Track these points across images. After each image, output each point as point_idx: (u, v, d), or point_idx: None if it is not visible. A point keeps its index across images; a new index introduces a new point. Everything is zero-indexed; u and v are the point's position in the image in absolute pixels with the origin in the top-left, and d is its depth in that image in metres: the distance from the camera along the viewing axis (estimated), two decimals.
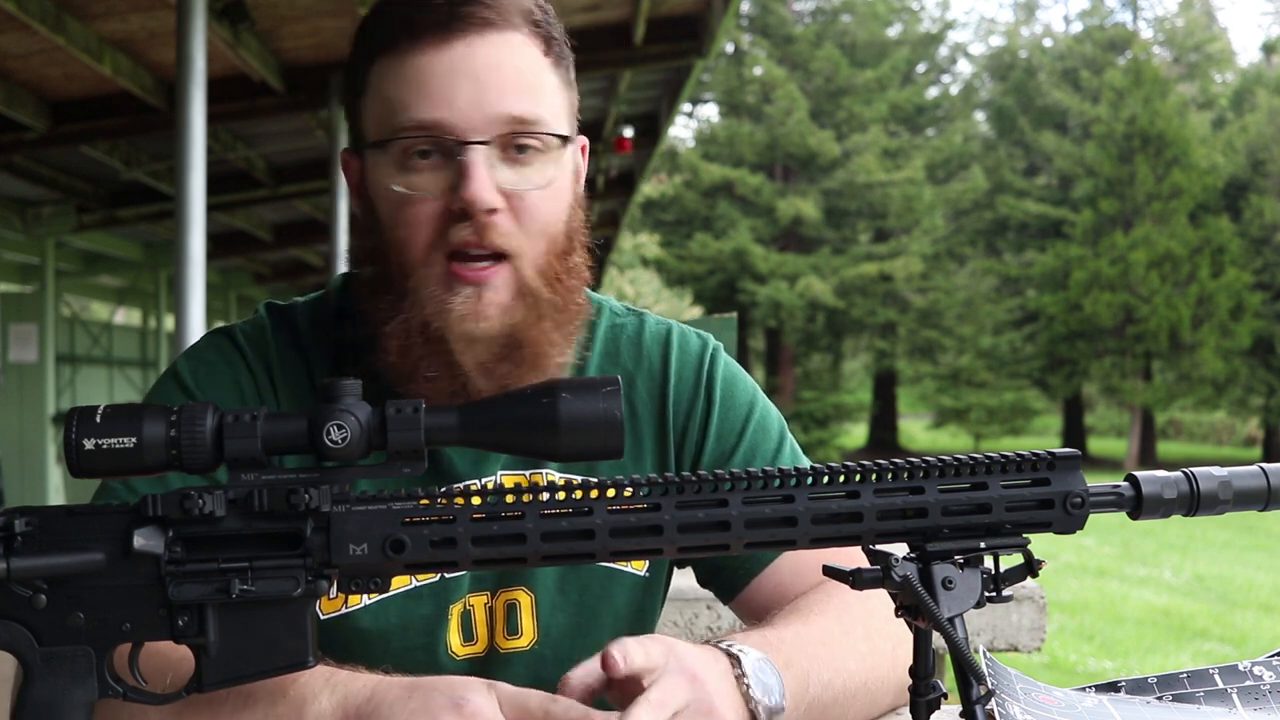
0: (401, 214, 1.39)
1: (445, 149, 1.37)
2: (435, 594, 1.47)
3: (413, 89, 1.37)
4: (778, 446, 1.60)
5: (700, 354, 1.61)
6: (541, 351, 1.41)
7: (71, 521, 1.09)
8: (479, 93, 1.36)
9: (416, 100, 1.37)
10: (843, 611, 1.43)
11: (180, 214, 5.20)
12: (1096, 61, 38.03)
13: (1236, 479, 1.12)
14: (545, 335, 1.41)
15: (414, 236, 1.39)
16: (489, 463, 1.50)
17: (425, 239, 1.38)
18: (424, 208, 1.38)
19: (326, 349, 1.51)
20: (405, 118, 1.37)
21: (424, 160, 1.38)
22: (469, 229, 1.36)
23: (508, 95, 1.37)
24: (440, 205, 1.37)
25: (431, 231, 1.38)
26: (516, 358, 1.40)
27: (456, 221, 1.37)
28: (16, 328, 12.14)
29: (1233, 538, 16.24)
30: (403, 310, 1.39)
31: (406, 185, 1.38)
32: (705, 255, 36.05)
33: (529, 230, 1.39)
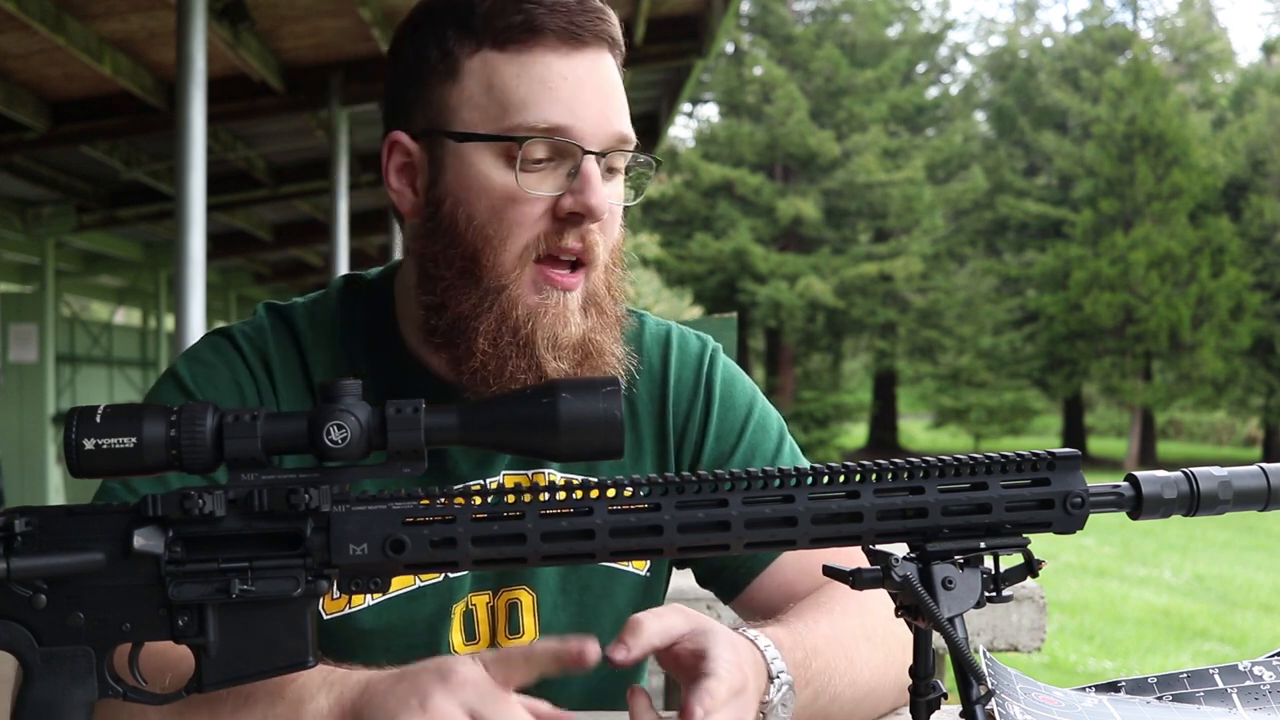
0: (505, 211, 1.39)
1: (565, 152, 1.38)
2: (438, 594, 1.47)
3: (542, 90, 1.38)
4: (777, 447, 1.61)
5: (700, 355, 1.62)
6: (609, 360, 1.43)
7: (71, 521, 1.09)
8: (601, 105, 1.40)
9: (546, 102, 1.37)
10: (864, 613, 1.43)
11: (180, 214, 5.20)
12: (1096, 61, 38.02)
13: (1236, 479, 1.13)
14: (609, 343, 1.44)
15: (513, 235, 1.39)
16: (493, 464, 1.50)
17: (526, 239, 1.39)
18: (532, 208, 1.38)
19: (326, 350, 1.51)
20: (532, 118, 1.37)
21: (538, 163, 1.38)
22: (575, 235, 1.39)
23: (620, 112, 1.42)
24: (547, 207, 1.38)
25: (534, 233, 1.39)
26: (590, 365, 1.42)
27: (566, 225, 1.38)
28: (16, 328, 12.14)
29: (1233, 538, 16.24)
30: (494, 307, 1.39)
31: (522, 184, 1.38)
32: (705, 255, 36.05)
33: (608, 242, 1.43)
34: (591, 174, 1.38)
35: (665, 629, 1.20)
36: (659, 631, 1.19)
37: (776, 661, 1.27)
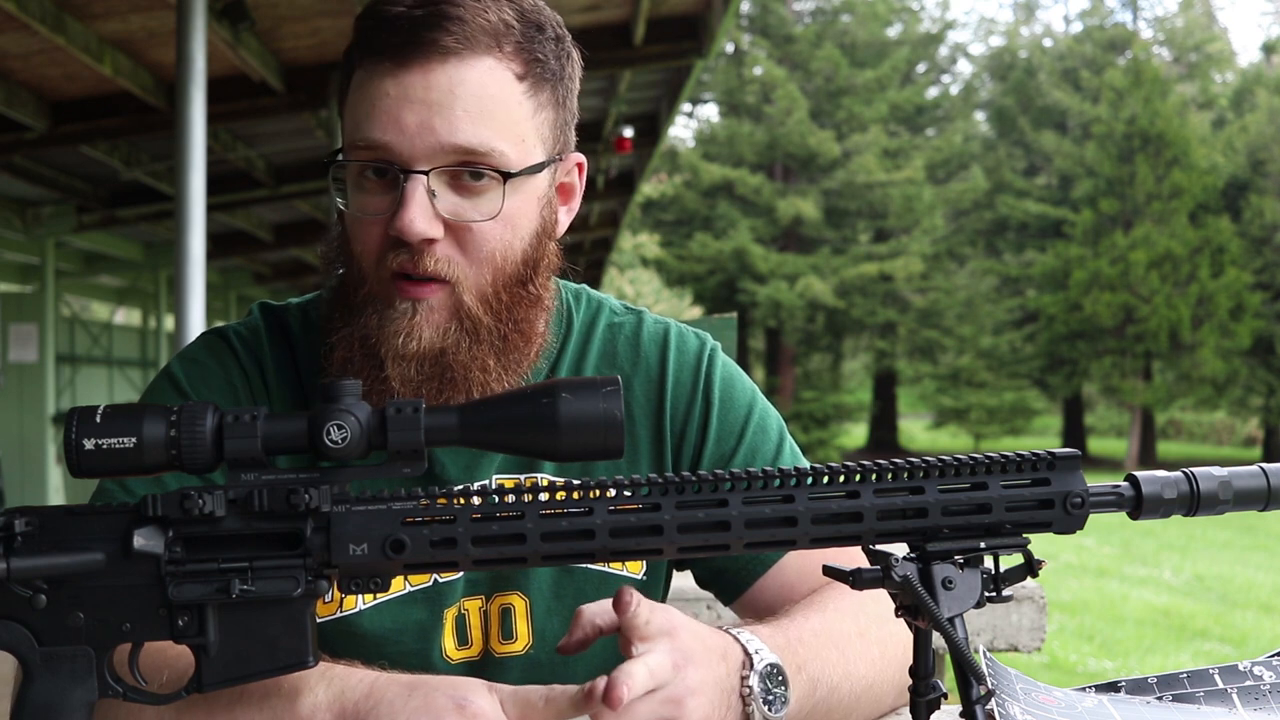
0: (354, 229, 1.41)
1: (390, 173, 1.37)
2: (429, 598, 1.47)
3: (366, 108, 1.37)
4: (777, 447, 1.60)
5: (699, 354, 1.60)
6: (472, 377, 1.40)
7: (71, 521, 1.09)
8: (427, 120, 1.34)
9: (368, 121, 1.36)
10: (859, 612, 1.42)
11: (180, 214, 5.20)
12: (1096, 61, 38.02)
13: (1236, 479, 1.12)
14: (479, 361, 1.40)
15: (364, 253, 1.40)
16: (483, 468, 1.50)
17: (372, 257, 1.39)
18: (371, 229, 1.39)
19: (317, 351, 1.52)
20: (358, 137, 1.37)
21: (372, 181, 1.39)
22: (405, 255, 1.37)
23: (459, 125, 1.35)
24: (384, 227, 1.37)
25: (376, 251, 1.39)
26: (444, 380, 1.39)
27: (395, 246, 1.37)
28: (16, 328, 12.14)
29: (1233, 538, 16.23)
30: (351, 322, 1.40)
31: (357, 205, 1.40)
32: (705, 255, 36.05)
33: (473, 258, 1.39)
34: (408, 194, 1.34)
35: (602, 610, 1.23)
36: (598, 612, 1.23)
37: (753, 642, 1.27)
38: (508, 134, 1.37)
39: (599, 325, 1.60)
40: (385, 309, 1.38)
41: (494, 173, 1.37)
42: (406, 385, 1.38)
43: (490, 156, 1.36)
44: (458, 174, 1.36)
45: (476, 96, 1.35)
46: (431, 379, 1.39)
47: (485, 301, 1.40)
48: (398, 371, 1.38)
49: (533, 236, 1.43)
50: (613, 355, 1.58)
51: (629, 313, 1.64)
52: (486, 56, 1.36)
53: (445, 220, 1.37)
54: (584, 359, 1.57)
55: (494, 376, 1.41)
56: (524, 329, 1.44)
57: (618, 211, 18.29)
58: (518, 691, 1.15)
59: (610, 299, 1.65)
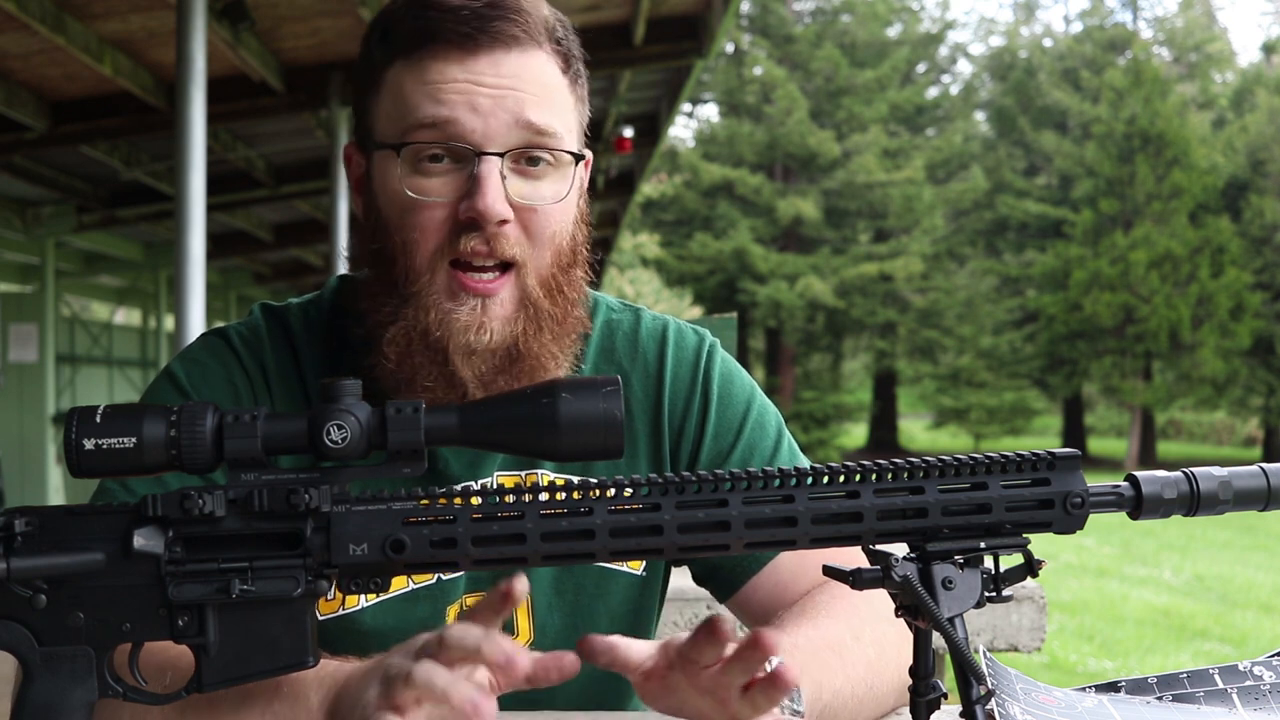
0: (410, 218, 1.39)
1: (459, 156, 1.38)
2: (432, 596, 1.48)
3: (431, 94, 1.38)
4: (775, 445, 1.60)
5: (697, 350, 1.60)
6: (541, 364, 1.42)
7: (71, 521, 1.09)
8: (498, 102, 1.38)
9: (434, 105, 1.37)
10: (851, 614, 1.42)
11: (180, 214, 5.20)
12: (1096, 61, 38.03)
13: (1236, 479, 1.12)
14: (545, 348, 1.42)
15: (422, 241, 1.39)
16: (485, 465, 1.50)
17: (433, 245, 1.39)
18: (433, 213, 1.38)
19: (319, 350, 1.51)
20: (422, 118, 1.38)
21: (436, 165, 1.39)
22: (478, 238, 1.37)
23: (527, 106, 1.39)
24: (449, 212, 1.38)
25: (440, 238, 1.38)
26: (515, 370, 1.40)
27: (466, 230, 1.37)
28: (16, 328, 12.14)
29: (1233, 538, 16.24)
30: (405, 316, 1.39)
31: (417, 190, 1.39)
32: (705, 255, 36.05)
33: (536, 242, 1.41)
34: (484, 176, 1.36)
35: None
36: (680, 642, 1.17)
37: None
38: (564, 121, 1.43)
39: (596, 322, 1.60)
40: (447, 302, 1.39)
41: (561, 154, 1.41)
42: (480, 380, 1.39)
43: (556, 139, 1.41)
44: (520, 158, 1.39)
45: (539, 84, 1.40)
46: (504, 370, 1.40)
47: (546, 285, 1.42)
48: (470, 367, 1.39)
49: (576, 223, 1.47)
50: (610, 351, 1.58)
51: (626, 309, 1.64)
52: (541, 49, 1.42)
53: (514, 203, 1.39)
54: (583, 355, 1.57)
55: (558, 362, 1.44)
56: (574, 313, 1.47)
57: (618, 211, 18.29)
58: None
59: (608, 296, 1.65)
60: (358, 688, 1.14)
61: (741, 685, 1.14)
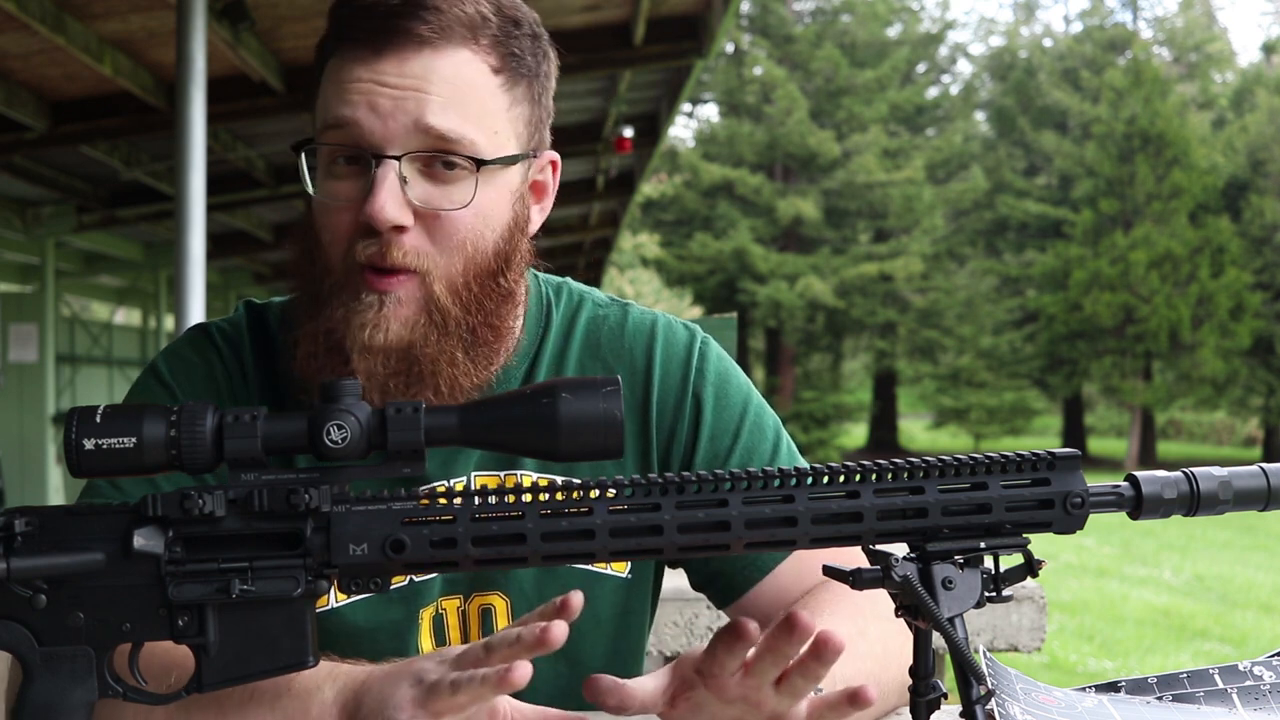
0: (322, 219, 1.39)
1: (360, 158, 1.36)
2: (405, 598, 1.46)
3: (338, 94, 1.36)
4: (774, 447, 1.57)
5: (688, 348, 1.56)
6: (440, 371, 1.38)
7: (71, 521, 1.09)
8: (398, 104, 1.34)
9: (339, 105, 1.36)
10: (856, 613, 1.41)
11: (180, 214, 5.20)
12: (1096, 61, 38.01)
13: (1236, 479, 1.12)
14: (448, 355, 1.38)
15: (332, 242, 1.38)
16: (459, 464, 1.48)
17: (339, 247, 1.38)
18: (340, 216, 1.37)
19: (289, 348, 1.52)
20: (328, 117, 1.37)
21: (345, 167, 1.38)
22: (375, 244, 1.35)
23: (429, 109, 1.34)
24: (353, 215, 1.36)
25: (345, 240, 1.37)
26: (412, 374, 1.37)
27: (365, 235, 1.35)
28: (16, 328, 12.13)
29: (1233, 538, 16.23)
30: (316, 316, 1.38)
31: (326, 192, 1.38)
32: (705, 255, 36.04)
33: (443, 248, 1.37)
34: (379, 180, 1.33)
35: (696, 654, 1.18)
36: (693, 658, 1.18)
37: None
38: (481, 124, 1.37)
39: (581, 318, 1.57)
40: (351, 301, 1.36)
41: (466, 160, 1.36)
42: (373, 379, 1.36)
43: (462, 144, 1.36)
44: (429, 161, 1.36)
45: (451, 85, 1.35)
46: (398, 373, 1.37)
47: (455, 292, 1.38)
48: (364, 365, 1.35)
49: (505, 230, 1.42)
50: (596, 348, 1.55)
51: (614, 304, 1.60)
52: (463, 48, 1.37)
53: (415, 208, 1.35)
54: (565, 353, 1.54)
55: (462, 370, 1.39)
56: (494, 323, 1.42)
57: (618, 211, 18.28)
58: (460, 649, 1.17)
59: (595, 291, 1.62)
60: (381, 688, 1.14)
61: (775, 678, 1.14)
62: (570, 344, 1.55)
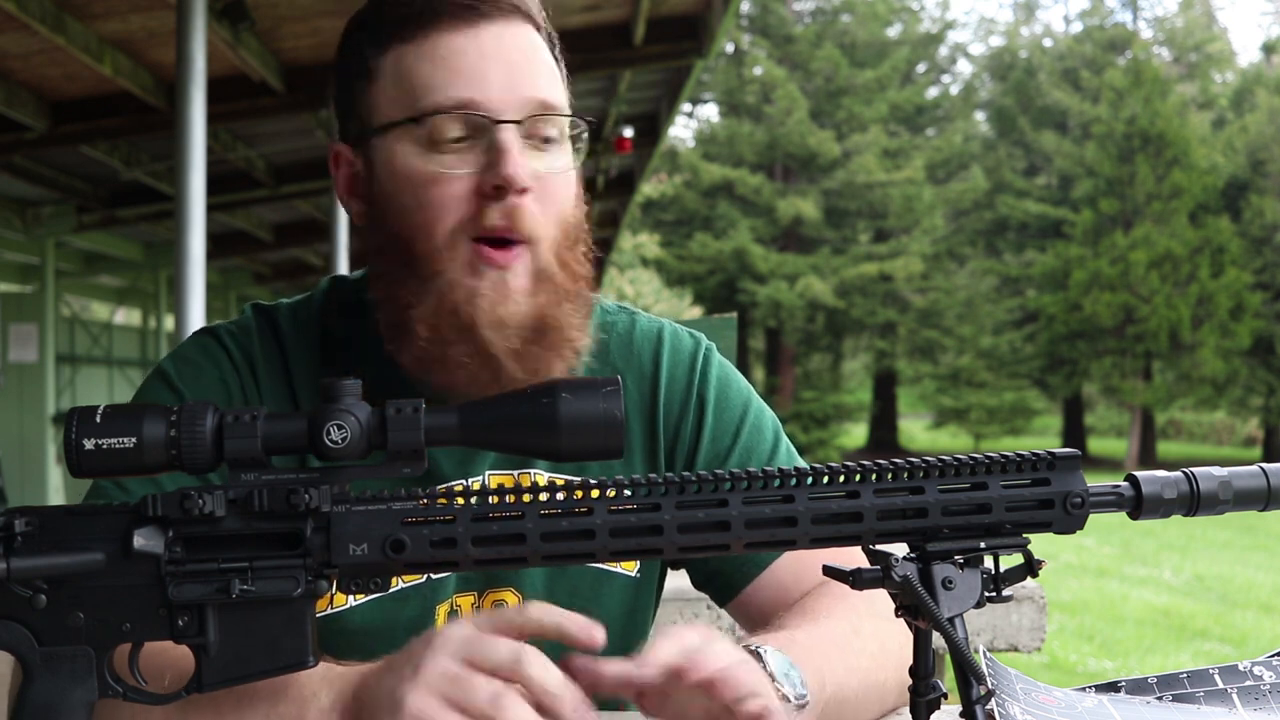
0: (427, 194, 1.38)
1: (477, 128, 1.37)
2: (421, 595, 1.47)
3: (444, 69, 1.37)
4: (773, 448, 1.59)
5: (693, 354, 1.60)
6: (567, 334, 1.41)
7: (71, 521, 1.09)
8: (510, 75, 1.38)
9: (449, 80, 1.37)
10: (851, 612, 1.42)
11: (180, 214, 5.20)
12: (1096, 61, 38.02)
13: (1236, 479, 1.12)
14: (567, 318, 1.41)
15: (440, 219, 1.37)
16: (476, 463, 1.49)
17: (453, 221, 1.37)
18: (453, 188, 1.37)
19: (306, 351, 1.51)
20: (438, 97, 1.37)
21: (453, 142, 1.38)
22: (499, 212, 1.36)
23: (537, 79, 1.40)
24: (470, 186, 1.36)
25: (460, 214, 1.37)
26: (545, 341, 1.39)
27: (487, 203, 1.36)
28: (16, 328, 12.13)
29: (1233, 538, 16.24)
30: (429, 296, 1.38)
31: (437, 165, 1.37)
32: (705, 255, 36.05)
33: (549, 215, 1.40)
34: (507, 144, 1.36)
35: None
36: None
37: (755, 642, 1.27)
38: (561, 94, 1.44)
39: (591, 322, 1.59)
40: (471, 279, 1.37)
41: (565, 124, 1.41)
42: (511, 352, 1.37)
43: (560, 110, 1.41)
44: (533, 131, 1.39)
45: (540, 57, 1.42)
46: (534, 342, 1.38)
47: (561, 260, 1.41)
48: (500, 340, 1.37)
49: (577, 200, 1.46)
50: (605, 354, 1.57)
51: (622, 311, 1.63)
52: (530, 24, 1.43)
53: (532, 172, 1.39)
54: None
55: (579, 333, 1.43)
56: (582, 287, 1.45)
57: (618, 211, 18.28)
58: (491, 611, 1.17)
59: (602, 298, 1.64)
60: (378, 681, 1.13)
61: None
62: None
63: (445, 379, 1.39)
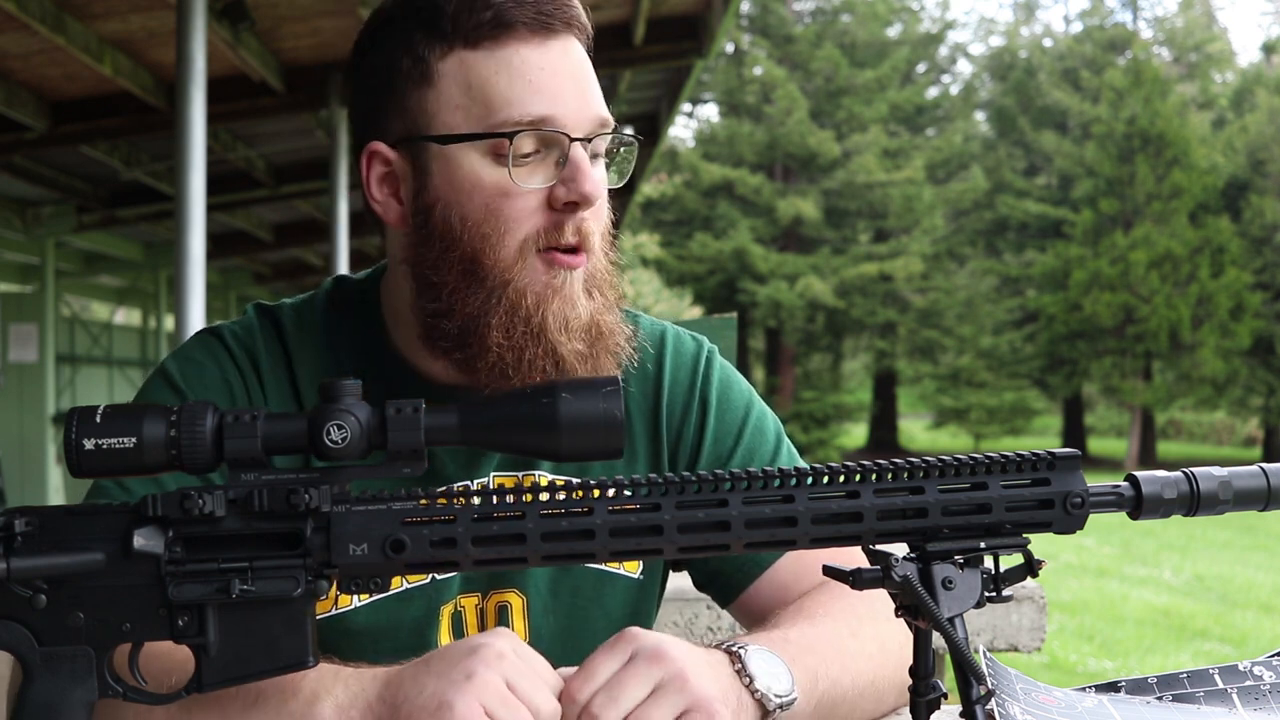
0: (499, 207, 1.38)
1: (551, 144, 1.38)
2: (425, 595, 1.47)
3: (522, 83, 1.37)
4: (775, 449, 1.60)
5: (695, 356, 1.61)
6: (616, 340, 1.43)
7: (71, 521, 1.09)
8: (580, 91, 1.40)
9: (528, 94, 1.37)
10: (848, 612, 1.42)
11: (180, 214, 5.20)
12: (1096, 61, 38.01)
13: (1236, 479, 1.12)
14: (614, 323, 1.44)
15: (511, 230, 1.38)
16: (481, 465, 1.49)
17: (524, 233, 1.38)
18: (526, 201, 1.38)
19: (310, 351, 1.51)
20: (516, 111, 1.36)
21: (526, 156, 1.38)
22: (571, 227, 1.38)
23: (598, 96, 1.43)
24: (542, 199, 1.38)
25: (532, 226, 1.38)
26: (602, 345, 1.41)
27: (560, 217, 1.38)
28: (16, 328, 12.14)
29: (1233, 538, 16.23)
30: (500, 305, 1.38)
31: (512, 179, 1.37)
32: (705, 255, 36.04)
33: (599, 227, 1.43)
34: (582, 161, 1.38)
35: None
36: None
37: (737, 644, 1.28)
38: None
39: None
40: (538, 285, 1.38)
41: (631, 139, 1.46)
42: (578, 356, 1.39)
43: (612, 127, 1.44)
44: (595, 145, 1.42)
45: (593, 72, 1.45)
46: (595, 348, 1.41)
47: (605, 267, 1.45)
48: (570, 346, 1.39)
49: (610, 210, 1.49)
50: None
51: (625, 315, 1.63)
52: (583, 39, 1.45)
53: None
54: None
55: (625, 337, 1.45)
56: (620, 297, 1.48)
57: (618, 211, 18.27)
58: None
59: None
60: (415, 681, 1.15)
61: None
62: None
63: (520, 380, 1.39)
